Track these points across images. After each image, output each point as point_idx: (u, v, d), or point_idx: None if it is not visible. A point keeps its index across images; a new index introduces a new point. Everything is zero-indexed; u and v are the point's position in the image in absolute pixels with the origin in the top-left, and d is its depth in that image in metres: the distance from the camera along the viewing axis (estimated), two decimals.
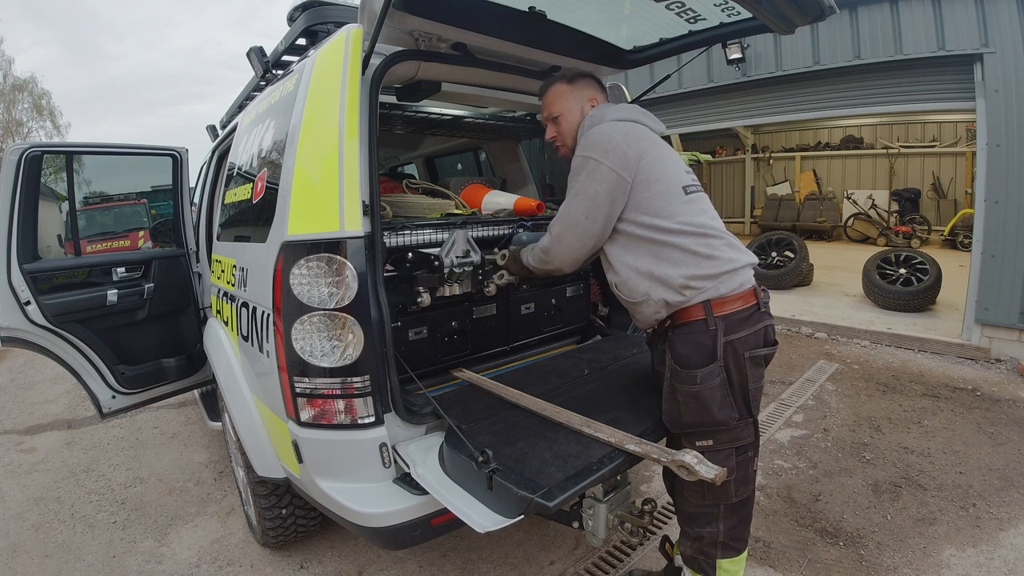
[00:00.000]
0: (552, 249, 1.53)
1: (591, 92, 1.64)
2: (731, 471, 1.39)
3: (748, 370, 1.38)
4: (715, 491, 1.40)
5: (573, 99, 1.63)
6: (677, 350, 1.40)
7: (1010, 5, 3.98)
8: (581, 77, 1.66)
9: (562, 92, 1.64)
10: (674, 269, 1.39)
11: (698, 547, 1.49)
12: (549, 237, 1.53)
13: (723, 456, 1.38)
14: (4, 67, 18.98)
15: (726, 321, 1.36)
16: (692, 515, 1.49)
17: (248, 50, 2.20)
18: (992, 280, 4.17)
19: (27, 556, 2.31)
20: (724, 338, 1.35)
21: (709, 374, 1.34)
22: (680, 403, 1.39)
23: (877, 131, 11.01)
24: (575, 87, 1.64)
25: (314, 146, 1.53)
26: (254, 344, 1.80)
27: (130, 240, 6.03)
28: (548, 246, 1.54)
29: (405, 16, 1.57)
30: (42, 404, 4.26)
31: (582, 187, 1.44)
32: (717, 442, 1.38)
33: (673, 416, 1.43)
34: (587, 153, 1.44)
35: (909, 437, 2.99)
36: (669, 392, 1.42)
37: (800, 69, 5.16)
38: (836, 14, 1.69)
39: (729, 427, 1.38)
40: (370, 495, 1.52)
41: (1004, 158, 4.06)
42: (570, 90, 1.63)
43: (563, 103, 1.64)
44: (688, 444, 1.40)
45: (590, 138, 1.47)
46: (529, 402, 1.67)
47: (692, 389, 1.36)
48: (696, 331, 1.37)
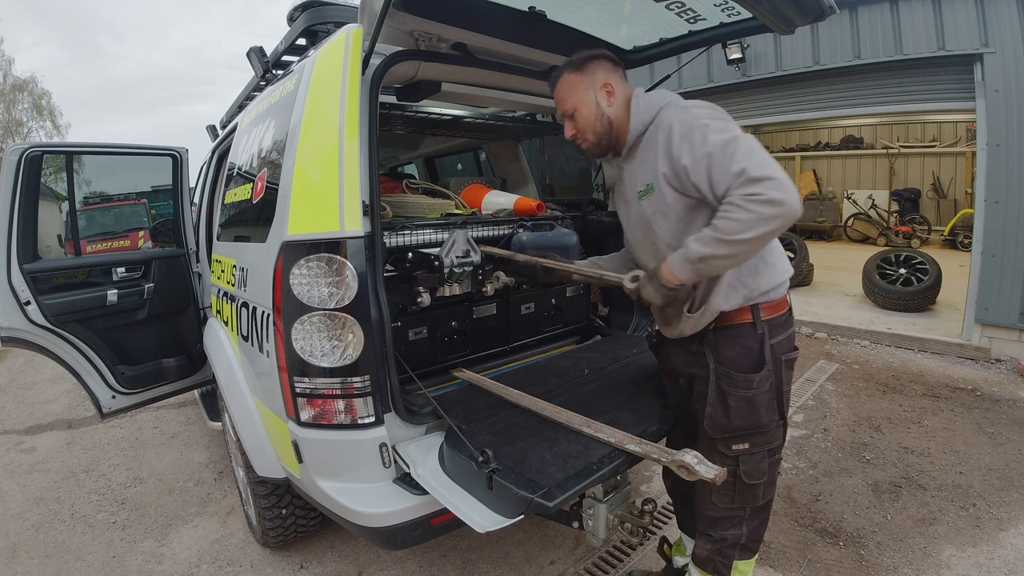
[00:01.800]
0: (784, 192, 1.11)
1: (604, 75, 1.43)
2: (763, 473, 1.37)
3: (784, 373, 1.37)
4: (745, 494, 1.38)
5: (585, 89, 1.43)
6: (723, 353, 1.34)
7: (1010, 5, 3.98)
8: (591, 61, 1.45)
9: (572, 84, 1.45)
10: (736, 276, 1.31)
11: (718, 548, 1.46)
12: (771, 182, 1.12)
13: (758, 459, 1.36)
14: (4, 67, 18.99)
15: (770, 324, 1.34)
16: (717, 519, 1.45)
17: (248, 50, 2.20)
18: (992, 280, 4.16)
19: (27, 556, 2.31)
20: (769, 341, 1.33)
21: (763, 379, 1.32)
22: (731, 407, 1.33)
23: (877, 131, 11.00)
24: (585, 74, 1.44)
25: (314, 146, 1.53)
26: (254, 344, 1.80)
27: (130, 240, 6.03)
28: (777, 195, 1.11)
29: (405, 16, 1.57)
30: (42, 404, 4.26)
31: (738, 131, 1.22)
32: (753, 445, 1.35)
33: (719, 420, 1.35)
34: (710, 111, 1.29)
35: (909, 437, 2.99)
36: (717, 396, 1.35)
37: (800, 69, 5.16)
38: (836, 14, 1.69)
39: (768, 430, 1.36)
40: (370, 495, 1.52)
41: (1004, 158, 4.06)
42: (580, 79, 1.44)
43: (575, 95, 1.44)
44: (724, 448, 1.36)
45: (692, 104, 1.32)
46: (529, 402, 1.67)
47: (747, 394, 1.32)
48: (744, 334, 1.33)
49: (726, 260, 1.20)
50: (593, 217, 2.66)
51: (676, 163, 1.27)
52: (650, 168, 1.34)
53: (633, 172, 1.43)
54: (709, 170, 1.21)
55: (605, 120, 1.43)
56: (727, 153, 1.18)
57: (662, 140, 1.31)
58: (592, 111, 1.43)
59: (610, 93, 1.42)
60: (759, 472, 1.38)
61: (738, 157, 1.17)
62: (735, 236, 1.14)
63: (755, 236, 1.14)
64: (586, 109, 1.44)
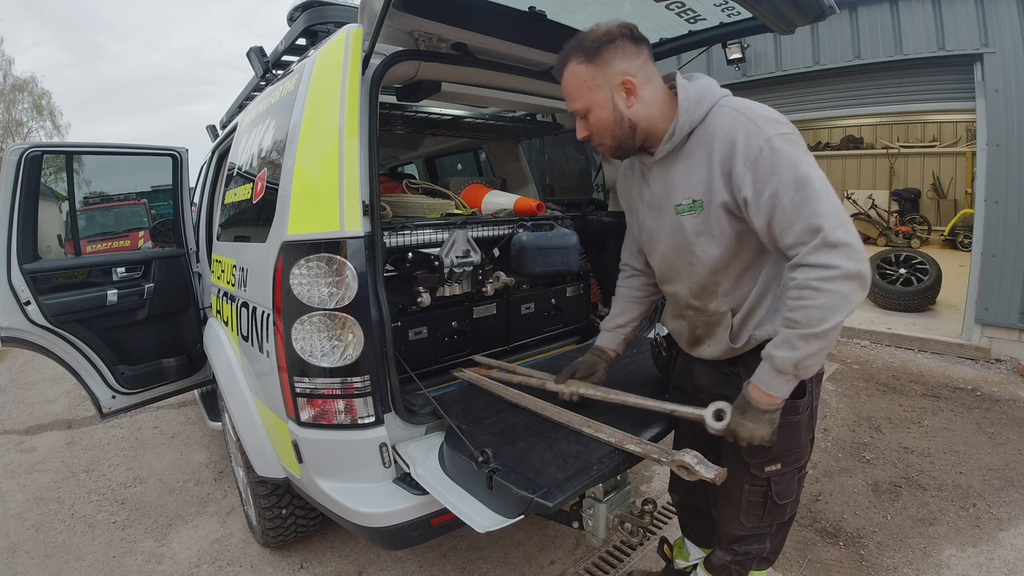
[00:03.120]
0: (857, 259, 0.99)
1: (622, 66, 1.15)
2: (792, 492, 1.34)
3: (817, 390, 1.31)
4: (775, 513, 1.33)
5: (598, 86, 1.16)
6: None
7: (1010, 5, 3.98)
8: (605, 47, 1.14)
9: (582, 78, 1.17)
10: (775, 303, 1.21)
11: (739, 561, 1.43)
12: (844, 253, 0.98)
13: (788, 478, 1.32)
14: (4, 67, 18.99)
15: None
16: (742, 536, 1.40)
17: (248, 50, 2.20)
18: (992, 280, 4.17)
19: (27, 556, 2.31)
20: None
21: (806, 403, 1.25)
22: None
23: (877, 131, 11.00)
24: (598, 67, 1.15)
25: (314, 146, 1.53)
26: (254, 344, 1.80)
27: (130, 240, 6.04)
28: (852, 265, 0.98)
29: (405, 16, 1.57)
30: (42, 404, 4.26)
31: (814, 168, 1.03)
32: (785, 464, 1.29)
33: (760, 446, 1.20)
34: (782, 130, 1.06)
35: (909, 437, 2.99)
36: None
37: (800, 69, 5.16)
38: (836, 14, 1.69)
39: (800, 449, 1.31)
40: (370, 495, 1.52)
41: (1004, 158, 4.06)
42: (592, 73, 1.16)
43: (586, 94, 1.18)
44: (757, 471, 1.29)
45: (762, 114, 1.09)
46: (529, 402, 1.67)
47: (793, 419, 1.23)
48: None
49: (819, 356, 1.05)
50: (593, 217, 2.66)
51: (736, 191, 1.09)
52: (699, 183, 1.15)
53: (671, 179, 1.22)
54: (772, 214, 1.04)
55: (626, 124, 1.19)
56: (799, 199, 1.00)
57: (720, 156, 1.10)
58: (608, 114, 1.18)
59: (631, 91, 1.16)
60: (790, 491, 1.34)
61: (812, 208, 0.99)
62: (823, 327, 0.99)
63: (840, 320, 1.00)
64: (601, 111, 1.19)
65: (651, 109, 1.19)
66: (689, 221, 1.20)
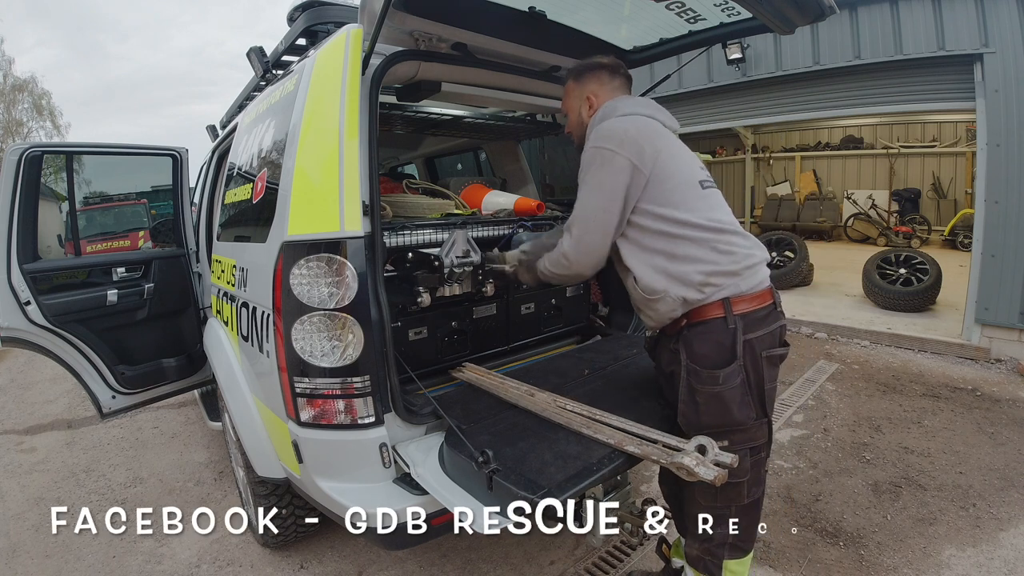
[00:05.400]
0: (572, 253, 1.43)
1: (594, 87, 1.59)
2: (745, 472, 1.37)
3: (765, 370, 1.37)
4: (728, 493, 1.38)
5: (575, 97, 1.62)
6: (694, 349, 1.36)
7: (1010, 5, 3.98)
8: (589, 71, 1.61)
9: (568, 89, 1.65)
10: (691, 265, 1.35)
11: (706, 548, 1.46)
12: (568, 240, 1.43)
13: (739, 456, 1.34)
14: (4, 67, 18.97)
15: (744, 320, 1.34)
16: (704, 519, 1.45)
17: (248, 50, 2.20)
18: (992, 280, 4.16)
19: (27, 556, 2.31)
20: (743, 337, 1.33)
21: (731, 374, 1.32)
22: (699, 404, 1.36)
23: (877, 131, 10.99)
24: (578, 83, 1.62)
25: (314, 146, 1.53)
26: (254, 344, 1.80)
27: (130, 240, 6.03)
28: (568, 250, 1.44)
29: (405, 16, 1.57)
30: (42, 404, 4.26)
31: (597, 179, 1.38)
32: (732, 443, 1.35)
33: (691, 418, 1.39)
34: (600, 144, 1.39)
35: (909, 437, 2.99)
36: (687, 393, 1.38)
37: (800, 69, 5.16)
38: (836, 14, 1.69)
39: (746, 427, 1.36)
40: (370, 495, 1.52)
41: (1004, 158, 4.05)
42: (574, 87, 1.63)
43: (568, 100, 1.65)
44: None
45: (602, 130, 1.43)
46: (529, 402, 1.67)
47: (714, 389, 1.33)
48: (715, 329, 1.35)
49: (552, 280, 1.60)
50: None
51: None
52: None
53: None
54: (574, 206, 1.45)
55: (583, 127, 1.60)
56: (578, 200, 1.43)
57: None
58: (575, 118, 1.64)
59: (591, 105, 1.58)
60: (741, 470, 1.36)
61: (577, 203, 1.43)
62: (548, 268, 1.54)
63: (556, 275, 1.53)
64: (572, 115, 1.65)
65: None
66: None
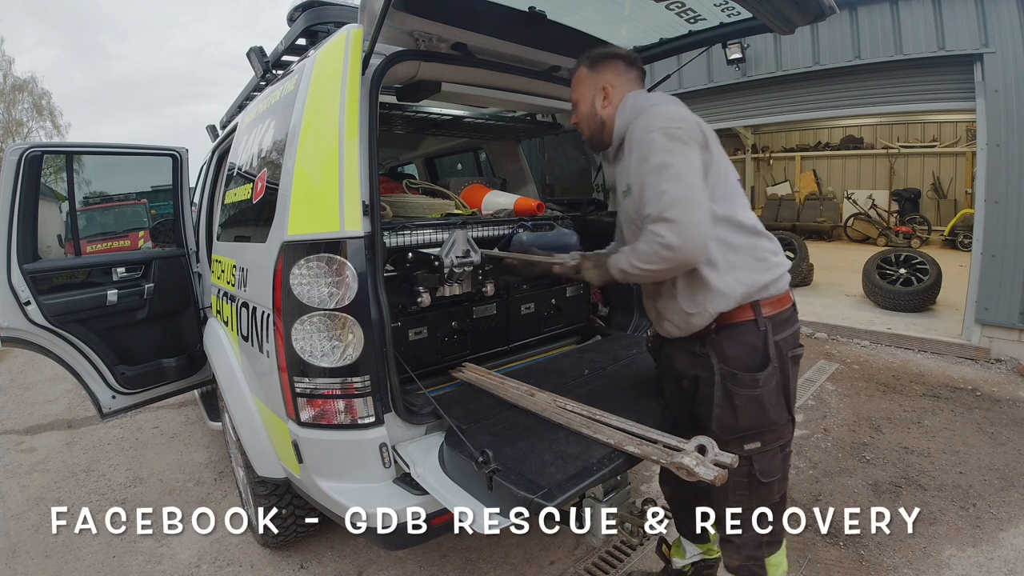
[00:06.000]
0: (678, 238, 1.20)
1: (609, 76, 1.47)
2: (776, 470, 1.38)
3: (791, 369, 1.37)
4: (761, 493, 1.38)
5: (588, 86, 1.49)
6: (726, 352, 1.33)
7: (1010, 5, 3.98)
8: (605, 60, 1.49)
9: (580, 78, 1.52)
10: (732, 275, 1.31)
11: (747, 555, 1.44)
12: (666, 228, 1.20)
13: (771, 456, 1.37)
14: (4, 67, 18.96)
15: (773, 321, 1.34)
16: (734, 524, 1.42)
17: (248, 50, 2.20)
18: (992, 280, 4.16)
19: (27, 556, 2.31)
20: (773, 338, 1.32)
21: (769, 376, 1.32)
22: (738, 407, 1.33)
23: (877, 131, 11.00)
24: (593, 72, 1.49)
25: (314, 146, 1.53)
26: (254, 344, 1.80)
27: (130, 240, 6.04)
28: (671, 239, 1.20)
29: (405, 16, 1.57)
30: (42, 404, 4.26)
31: (679, 158, 1.24)
32: (764, 443, 1.35)
33: (728, 422, 1.34)
34: (665, 124, 1.27)
35: (909, 437, 2.99)
36: (724, 397, 1.34)
37: (800, 69, 5.16)
38: (836, 14, 1.69)
39: (778, 427, 1.36)
40: (370, 495, 1.52)
41: (1004, 158, 4.05)
42: (587, 76, 1.50)
43: (579, 90, 1.52)
44: (736, 449, 1.33)
45: (660, 113, 1.31)
46: (529, 402, 1.67)
47: (754, 392, 1.32)
48: (746, 332, 1.33)
49: (639, 278, 1.35)
50: (593, 217, 2.66)
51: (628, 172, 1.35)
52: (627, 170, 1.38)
53: (619, 172, 1.48)
54: (640, 191, 1.29)
55: (597, 120, 1.49)
56: (654, 181, 1.25)
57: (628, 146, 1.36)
58: (587, 109, 1.50)
59: (607, 96, 1.46)
60: (773, 469, 1.38)
61: (660, 189, 1.23)
62: (641, 264, 1.28)
63: (652, 271, 1.28)
64: (583, 105, 1.51)
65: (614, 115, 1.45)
66: (628, 203, 1.40)
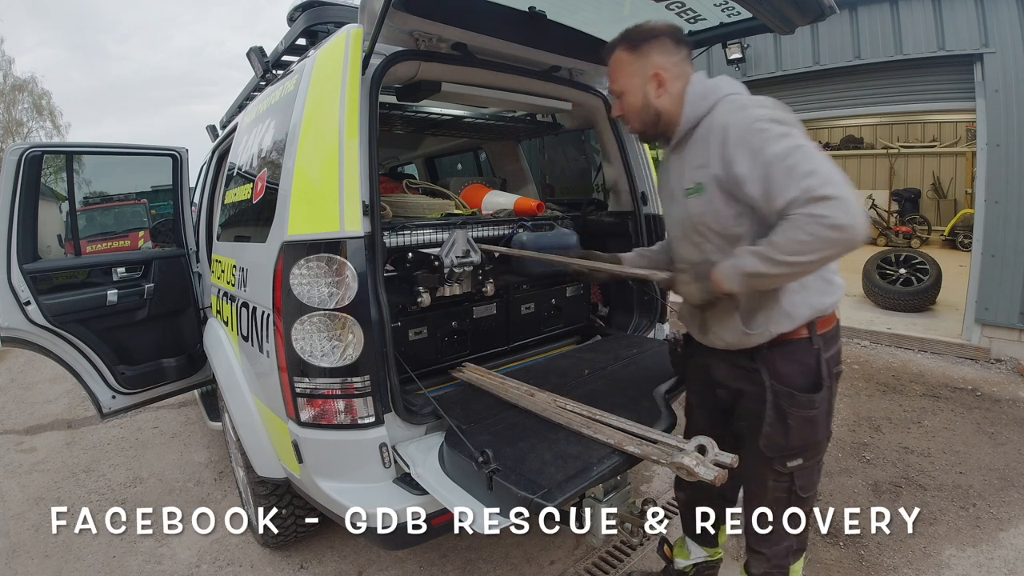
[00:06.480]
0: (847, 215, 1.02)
1: (659, 60, 1.28)
2: (814, 485, 1.37)
3: (834, 387, 1.33)
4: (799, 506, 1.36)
5: (635, 72, 1.30)
6: (779, 370, 1.27)
7: (1010, 5, 3.98)
8: (650, 40, 1.29)
9: (622, 64, 1.32)
10: (801, 295, 1.23)
11: (774, 563, 1.44)
12: (829, 207, 1.02)
13: (810, 471, 1.35)
14: (4, 67, 18.96)
15: (824, 338, 1.28)
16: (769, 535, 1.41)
17: (248, 50, 2.20)
18: (992, 280, 4.16)
19: (27, 556, 2.31)
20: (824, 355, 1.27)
21: (824, 397, 1.27)
22: (791, 428, 1.27)
23: (877, 131, 11.00)
24: (638, 56, 1.29)
25: (314, 146, 1.53)
26: (254, 344, 1.80)
27: (130, 240, 6.04)
28: (839, 217, 1.02)
29: (405, 16, 1.57)
30: (42, 404, 4.26)
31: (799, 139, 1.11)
32: (806, 459, 1.32)
33: (777, 440, 1.29)
34: (773, 115, 1.15)
35: (909, 437, 2.99)
36: (776, 416, 1.27)
37: (800, 69, 5.16)
38: (836, 14, 1.69)
39: (821, 444, 1.34)
40: (370, 495, 1.52)
41: (1004, 158, 4.05)
42: (631, 61, 1.30)
43: (622, 79, 1.33)
44: (779, 466, 1.32)
45: (746, 101, 1.20)
46: (529, 402, 1.67)
47: (809, 414, 1.27)
48: (800, 350, 1.27)
49: (778, 279, 1.14)
50: (593, 217, 2.66)
51: (730, 169, 1.17)
52: (701, 167, 1.24)
53: (681, 166, 1.32)
54: (766, 182, 1.11)
55: (652, 111, 1.31)
56: (787, 165, 1.08)
57: (716, 141, 1.20)
58: (639, 100, 1.31)
59: (661, 83, 1.28)
60: (812, 484, 1.37)
61: (801, 170, 1.06)
62: (792, 257, 1.07)
63: (813, 261, 1.07)
64: (633, 96, 1.32)
65: (674, 102, 1.29)
66: (694, 203, 1.28)
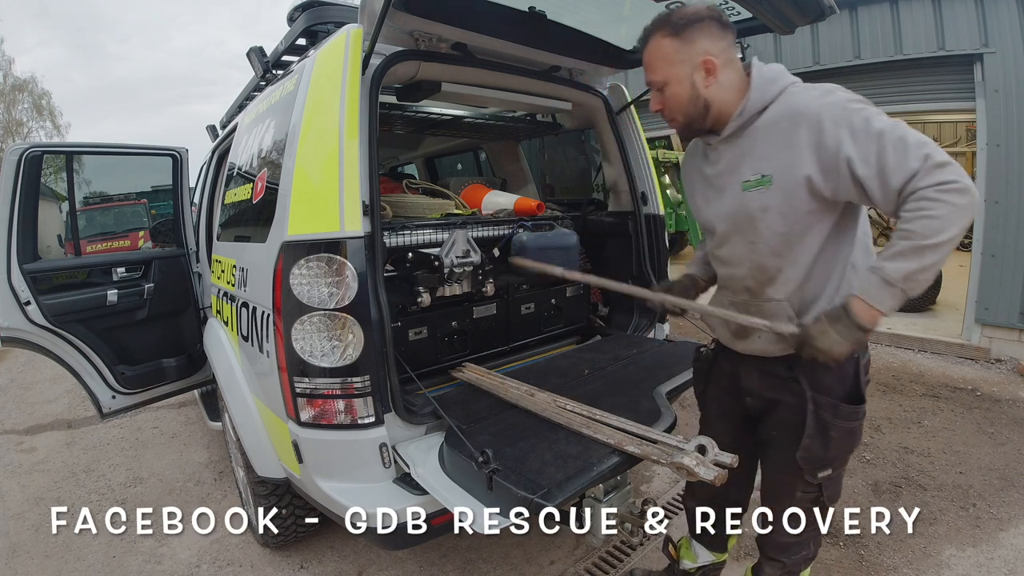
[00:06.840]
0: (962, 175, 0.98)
1: (707, 46, 1.15)
2: (838, 496, 1.36)
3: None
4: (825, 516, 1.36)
5: (680, 61, 1.16)
6: (819, 379, 1.21)
7: (1010, 5, 3.98)
8: (694, 25, 1.15)
9: (665, 52, 1.17)
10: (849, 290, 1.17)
11: (788, 569, 1.43)
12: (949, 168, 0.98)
13: (837, 480, 1.33)
14: (4, 67, 18.96)
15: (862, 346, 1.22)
16: (791, 544, 1.39)
17: (248, 50, 2.20)
18: (992, 280, 4.16)
19: (27, 556, 2.31)
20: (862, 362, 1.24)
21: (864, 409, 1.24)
22: (832, 439, 1.22)
23: None
24: (683, 42, 1.15)
25: (314, 146, 1.53)
26: (254, 344, 1.80)
27: (130, 240, 6.05)
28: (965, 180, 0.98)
29: (405, 16, 1.57)
30: (42, 404, 4.26)
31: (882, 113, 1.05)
32: (834, 469, 1.30)
33: (816, 452, 1.24)
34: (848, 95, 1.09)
35: (909, 437, 2.99)
36: (818, 427, 1.21)
37: (800, 69, 5.15)
38: (836, 14, 1.69)
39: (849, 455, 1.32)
40: (370, 495, 1.52)
41: (1004, 158, 4.06)
42: (676, 48, 1.16)
43: (667, 68, 1.18)
44: (810, 477, 1.28)
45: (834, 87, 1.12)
46: (529, 402, 1.67)
47: (851, 425, 1.23)
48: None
49: (931, 272, 1.01)
50: (593, 217, 2.66)
51: (835, 154, 1.05)
52: (771, 158, 1.14)
53: (739, 156, 1.20)
54: (880, 157, 1.01)
55: (700, 103, 1.18)
56: (898, 136, 1.01)
57: (804, 129, 1.09)
58: (686, 91, 1.18)
59: (711, 71, 1.15)
60: (838, 493, 1.36)
61: (913, 140, 1.00)
62: (940, 237, 0.97)
63: (956, 234, 0.97)
64: (679, 87, 1.18)
65: (726, 92, 1.18)
66: (755, 197, 1.17)
